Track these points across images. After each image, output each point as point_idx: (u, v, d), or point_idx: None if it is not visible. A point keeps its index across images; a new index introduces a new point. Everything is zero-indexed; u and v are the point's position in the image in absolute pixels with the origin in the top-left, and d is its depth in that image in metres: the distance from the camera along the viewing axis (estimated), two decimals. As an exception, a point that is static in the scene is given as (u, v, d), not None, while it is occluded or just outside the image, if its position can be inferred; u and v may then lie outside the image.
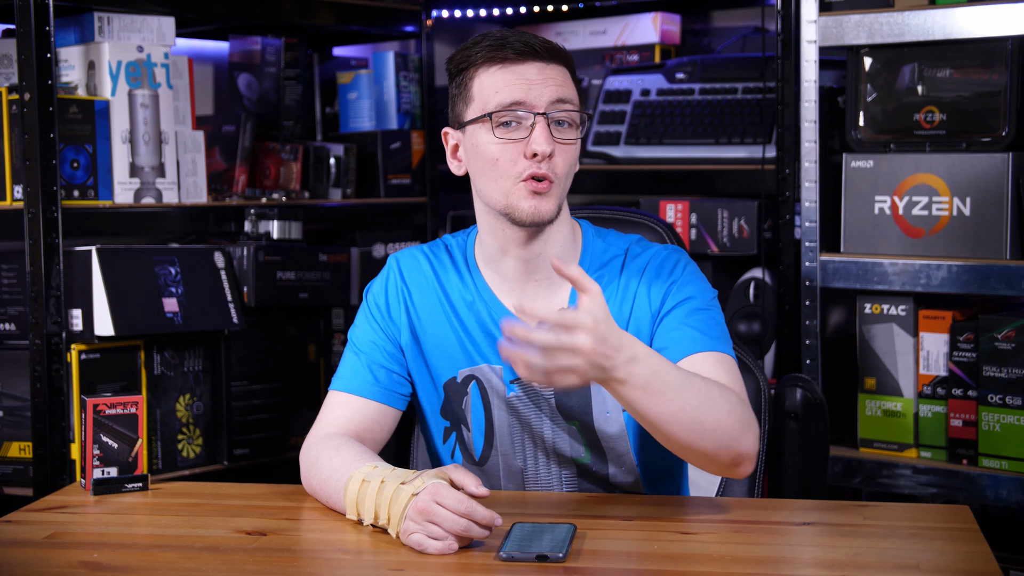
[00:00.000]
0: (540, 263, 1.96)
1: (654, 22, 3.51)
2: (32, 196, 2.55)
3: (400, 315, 2.03)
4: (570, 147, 1.91)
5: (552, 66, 1.91)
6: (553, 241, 1.96)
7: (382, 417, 1.99)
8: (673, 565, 1.64)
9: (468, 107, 1.93)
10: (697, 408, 1.73)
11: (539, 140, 1.87)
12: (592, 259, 2.00)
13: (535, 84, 1.88)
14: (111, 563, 1.67)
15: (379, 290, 2.06)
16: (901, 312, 2.80)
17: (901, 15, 2.72)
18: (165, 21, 2.87)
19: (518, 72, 1.89)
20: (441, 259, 2.05)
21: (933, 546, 1.68)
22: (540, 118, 1.87)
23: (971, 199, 2.69)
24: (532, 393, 1.98)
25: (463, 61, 1.93)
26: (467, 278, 2.02)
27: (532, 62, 1.89)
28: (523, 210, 1.89)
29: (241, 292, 2.88)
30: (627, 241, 2.03)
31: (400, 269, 2.06)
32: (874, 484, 2.83)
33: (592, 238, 2.03)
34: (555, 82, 1.89)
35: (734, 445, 1.76)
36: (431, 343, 2.02)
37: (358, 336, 2.04)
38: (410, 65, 3.51)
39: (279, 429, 3.00)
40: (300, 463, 1.95)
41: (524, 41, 1.89)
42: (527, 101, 1.88)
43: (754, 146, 3.09)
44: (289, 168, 3.27)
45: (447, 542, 1.65)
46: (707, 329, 1.91)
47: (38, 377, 2.57)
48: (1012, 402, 2.66)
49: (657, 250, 2.00)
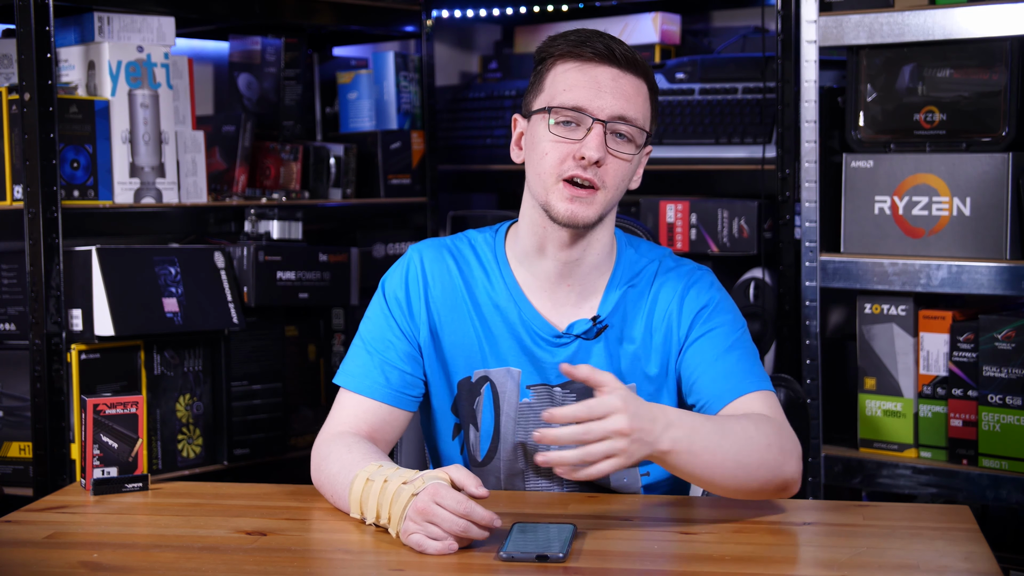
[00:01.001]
0: (576, 267, 1.95)
1: (654, 22, 3.51)
2: (32, 196, 2.55)
3: (420, 311, 1.99)
4: (624, 161, 1.89)
5: (627, 76, 1.89)
6: (592, 249, 1.95)
7: (393, 419, 1.98)
8: (673, 565, 1.64)
9: (537, 97, 1.92)
10: (739, 452, 1.77)
11: (591, 145, 1.85)
12: (625, 269, 1.99)
13: (604, 91, 1.87)
14: (111, 563, 1.67)
15: (399, 283, 2.00)
16: (901, 312, 2.80)
17: (901, 15, 2.72)
18: (165, 21, 2.87)
19: (591, 74, 1.88)
20: (465, 255, 2.01)
21: (933, 546, 1.68)
22: (597, 124, 1.86)
23: (971, 199, 2.69)
24: (549, 401, 1.97)
25: (544, 51, 1.93)
26: (495, 276, 1.99)
27: (608, 66, 1.88)
28: (558, 211, 1.88)
29: (241, 292, 2.88)
30: (659, 253, 2.02)
31: (422, 261, 2.01)
32: (874, 484, 2.83)
33: (625, 247, 2.01)
34: (624, 95, 1.88)
35: (779, 475, 1.80)
36: (450, 340, 1.99)
37: (372, 332, 1.99)
38: (410, 65, 3.51)
39: (279, 429, 3.00)
40: (311, 459, 1.95)
41: (605, 44, 1.88)
42: (590, 107, 1.87)
43: (754, 146, 3.09)
44: (289, 168, 3.27)
45: (446, 542, 1.65)
46: (747, 367, 1.91)
47: (38, 377, 2.57)
48: (1012, 402, 2.66)
49: (691, 268, 2.00)
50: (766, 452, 1.78)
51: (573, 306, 1.96)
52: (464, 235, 2.05)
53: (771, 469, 1.79)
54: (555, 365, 1.95)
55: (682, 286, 1.96)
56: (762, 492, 1.82)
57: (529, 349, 1.96)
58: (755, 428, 1.80)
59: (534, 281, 1.97)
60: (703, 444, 1.74)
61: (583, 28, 1.92)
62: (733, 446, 1.76)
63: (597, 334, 1.95)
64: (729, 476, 1.77)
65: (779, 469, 1.80)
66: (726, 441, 1.76)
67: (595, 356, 1.96)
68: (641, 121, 1.90)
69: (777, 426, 1.83)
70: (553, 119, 1.88)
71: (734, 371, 1.90)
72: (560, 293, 1.96)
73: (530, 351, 1.96)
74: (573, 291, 1.96)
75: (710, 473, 1.76)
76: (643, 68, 1.91)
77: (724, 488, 1.80)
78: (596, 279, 1.97)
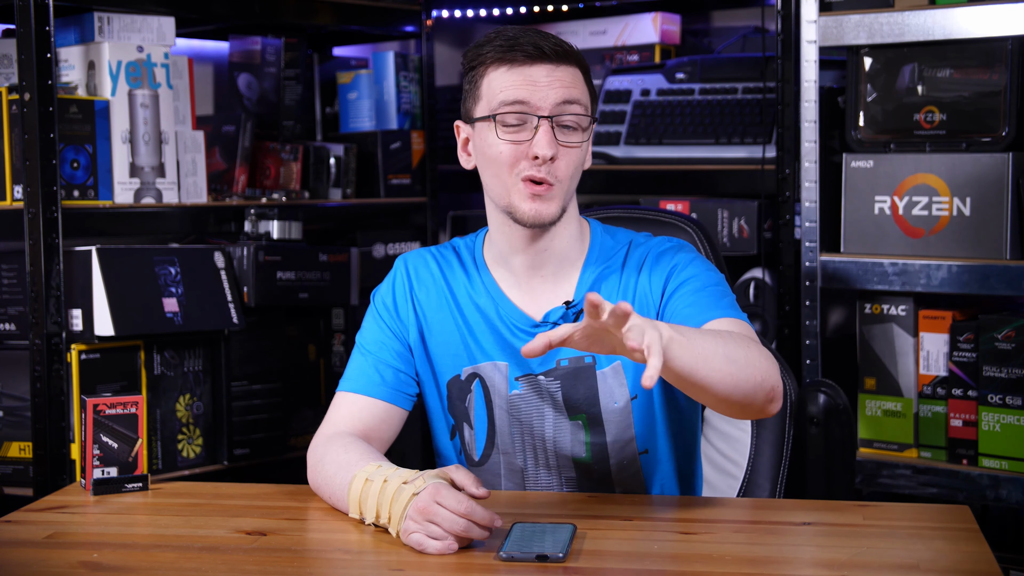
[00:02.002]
0: (546, 259, 1.98)
1: (654, 22, 3.51)
2: (32, 196, 2.55)
3: (408, 313, 2.04)
4: (575, 150, 1.92)
5: (562, 67, 1.91)
6: (559, 238, 1.98)
7: (389, 417, 2.00)
8: (673, 565, 1.64)
9: (477, 104, 1.95)
10: (727, 349, 1.73)
11: (541, 143, 1.88)
12: (599, 255, 2.01)
13: (541, 86, 1.89)
14: (111, 563, 1.67)
15: (387, 291, 2.07)
16: (901, 312, 2.80)
17: (901, 15, 2.72)
18: (165, 21, 2.87)
19: (525, 74, 1.90)
20: (448, 259, 2.07)
21: (933, 546, 1.68)
22: (544, 121, 1.88)
23: (971, 199, 2.69)
24: (537, 390, 1.98)
25: (475, 59, 1.94)
26: (475, 277, 2.03)
27: (540, 64, 1.90)
28: (523, 211, 1.91)
29: (241, 292, 2.88)
30: (635, 236, 2.04)
31: (407, 269, 2.07)
32: (874, 484, 2.83)
33: (600, 235, 2.04)
34: (562, 84, 1.90)
35: (767, 379, 1.76)
36: (436, 341, 2.03)
37: (365, 337, 2.05)
38: (410, 65, 3.51)
39: (279, 429, 3.00)
40: (307, 461, 1.96)
41: (534, 43, 1.90)
42: (531, 102, 1.89)
43: (754, 146, 3.09)
44: (289, 168, 3.27)
45: (447, 542, 1.65)
46: (717, 300, 1.91)
47: (38, 377, 2.57)
48: (1012, 402, 2.66)
49: (659, 241, 2.02)
50: (751, 353, 1.76)
51: (549, 294, 1.99)
52: (450, 243, 2.11)
53: (759, 370, 1.75)
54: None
55: (651, 255, 1.98)
56: (755, 397, 1.76)
57: (510, 342, 1.99)
58: (734, 337, 1.78)
59: (510, 277, 2.01)
60: (691, 337, 1.69)
61: (507, 29, 1.94)
62: (718, 345, 1.73)
63: (576, 318, 1.97)
64: (724, 372, 1.71)
65: (766, 373, 1.76)
66: (710, 339, 1.73)
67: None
68: (584, 104, 1.92)
69: (749, 337, 1.82)
70: (502, 123, 1.90)
71: (703, 302, 1.90)
72: (536, 283, 2.00)
73: (511, 344, 1.99)
74: (547, 280, 2.00)
75: (705, 365, 1.69)
76: (574, 56, 1.93)
77: (724, 388, 1.73)
78: (568, 266, 2.00)
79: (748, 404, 1.78)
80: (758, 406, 1.79)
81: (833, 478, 2.19)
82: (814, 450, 2.18)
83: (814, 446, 2.18)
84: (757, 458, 2.11)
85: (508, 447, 2.00)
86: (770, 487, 2.10)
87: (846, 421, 2.16)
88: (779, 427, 2.12)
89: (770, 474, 2.10)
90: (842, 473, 2.19)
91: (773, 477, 2.10)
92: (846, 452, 2.18)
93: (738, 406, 1.78)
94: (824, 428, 2.17)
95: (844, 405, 2.17)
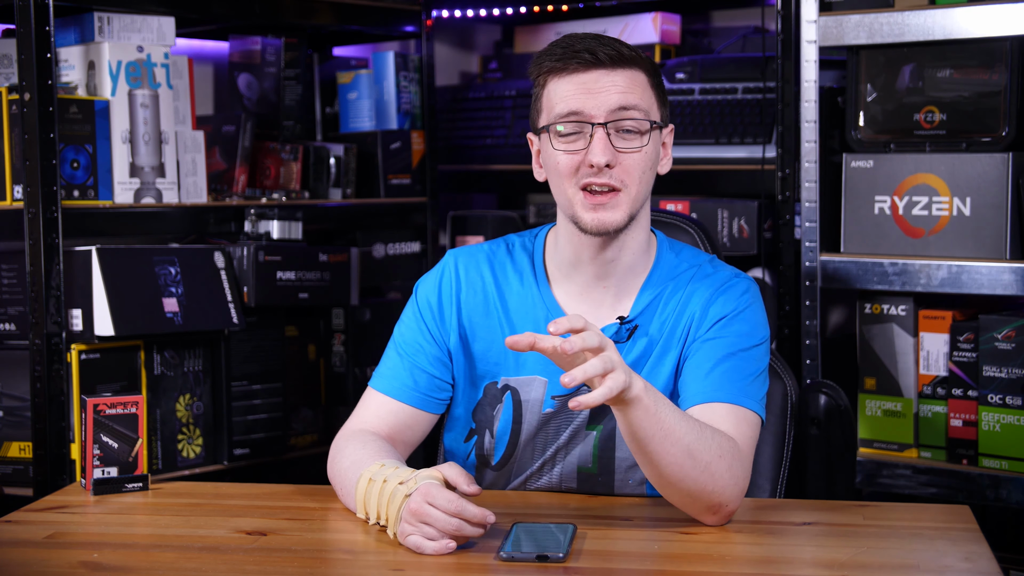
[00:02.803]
0: (612, 269, 1.95)
1: (654, 22, 3.51)
2: (32, 196, 2.55)
3: (451, 317, 2.01)
4: (636, 155, 1.88)
5: (618, 71, 1.89)
6: (627, 249, 1.95)
7: (416, 422, 1.99)
8: (673, 565, 1.64)
9: (539, 116, 1.94)
10: (692, 443, 1.73)
11: (595, 151, 1.86)
12: (663, 271, 1.98)
13: (596, 93, 1.87)
14: (111, 563, 1.67)
15: (432, 288, 2.03)
16: (901, 312, 2.80)
17: (901, 15, 2.72)
18: (165, 21, 2.87)
19: (580, 81, 1.88)
20: (502, 263, 2.03)
21: (933, 546, 1.68)
22: (599, 128, 1.87)
23: (971, 199, 2.69)
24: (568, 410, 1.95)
25: (535, 70, 1.94)
26: (531, 286, 2.00)
27: (595, 70, 1.88)
28: (585, 221, 1.89)
29: (241, 292, 2.88)
30: (701, 258, 2.01)
31: (457, 267, 2.03)
32: (874, 484, 2.83)
33: (666, 251, 2.01)
34: (618, 89, 1.88)
35: (719, 490, 1.75)
36: (480, 347, 2.00)
37: (404, 335, 2.02)
38: (410, 65, 3.51)
39: (279, 429, 3.00)
40: (329, 453, 1.96)
41: (589, 49, 1.88)
42: (584, 111, 1.87)
43: (754, 146, 3.09)
44: (289, 168, 3.27)
45: (443, 542, 1.65)
46: (734, 380, 1.87)
47: (38, 377, 2.57)
48: (1012, 402, 2.66)
49: (728, 275, 1.97)
50: (717, 460, 1.74)
51: (608, 308, 1.96)
52: (503, 240, 2.06)
53: (714, 482, 1.74)
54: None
55: (712, 291, 1.95)
56: (697, 499, 1.76)
57: None
58: (714, 435, 1.76)
59: (571, 287, 1.98)
60: (665, 413, 1.70)
61: (569, 36, 1.93)
62: (690, 434, 1.73)
63: (628, 336, 1.95)
64: (677, 461, 1.71)
65: (721, 488, 1.75)
66: (685, 425, 1.73)
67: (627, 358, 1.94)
68: (643, 109, 1.89)
69: (737, 452, 1.79)
70: (557, 133, 1.89)
71: (719, 379, 1.87)
72: (596, 294, 1.97)
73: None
74: (609, 292, 1.97)
75: (661, 443, 1.70)
76: (635, 59, 1.91)
77: (669, 475, 1.73)
78: (631, 280, 1.97)
79: (687, 503, 1.78)
80: (696, 510, 1.78)
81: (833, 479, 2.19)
82: (814, 451, 2.18)
83: (814, 447, 2.18)
84: (757, 459, 2.11)
85: (527, 459, 2.00)
86: (770, 488, 2.09)
87: (846, 422, 2.16)
88: (779, 428, 2.12)
89: (770, 475, 2.10)
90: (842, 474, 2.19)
91: (773, 478, 2.10)
92: (846, 453, 2.17)
93: (676, 497, 1.78)
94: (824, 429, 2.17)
95: (844, 406, 2.17)
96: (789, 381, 2.13)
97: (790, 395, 2.11)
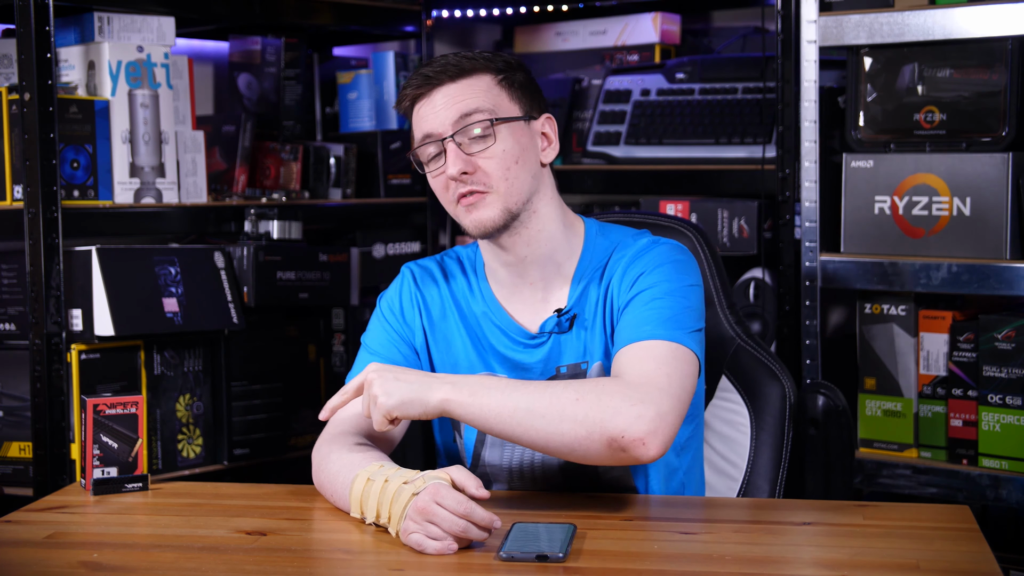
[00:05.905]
0: (527, 267, 1.98)
1: (654, 22, 3.51)
2: (32, 196, 2.55)
3: (414, 319, 2.05)
4: (489, 154, 1.91)
5: (457, 83, 1.92)
6: (537, 243, 1.96)
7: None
8: (673, 565, 1.64)
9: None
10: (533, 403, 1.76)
11: (448, 164, 1.91)
12: (592, 256, 2.00)
13: (440, 110, 1.92)
14: (111, 563, 1.67)
15: (393, 296, 2.08)
16: (901, 312, 2.81)
17: (901, 15, 2.72)
18: (165, 21, 2.87)
19: (428, 104, 1.93)
20: (452, 269, 2.08)
21: (933, 546, 1.68)
22: (448, 143, 1.91)
23: (971, 199, 2.69)
24: None
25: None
26: (475, 287, 2.04)
27: (437, 89, 1.92)
28: (467, 226, 1.94)
29: (241, 292, 2.88)
30: (626, 233, 2.02)
31: (414, 277, 2.08)
32: (874, 484, 2.83)
33: (595, 236, 2.02)
34: (455, 100, 1.91)
35: (599, 428, 1.74)
36: (441, 348, 2.04)
37: (372, 339, 2.06)
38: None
39: (279, 429, 3.00)
40: (312, 459, 1.96)
41: (425, 75, 1.92)
42: (434, 131, 1.92)
43: (754, 146, 3.09)
44: (289, 168, 3.27)
45: (446, 542, 1.65)
46: (653, 316, 1.87)
47: (38, 377, 2.57)
48: (1012, 402, 2.66)
49: (648, 242, 1.98)
50: (573, 405, 1.75)
51: (542, 302, 1.99)
52: (453, 250, 2.12)
53: (585, 423, 1.73)
54: (535, 365, 1.98)
55: (629, 256, 1.96)
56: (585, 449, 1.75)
57: (509, 355, 1.99)
58: (567, 385, 1.78)
59: (504, 290, 2.02)
60: (488, 397, 1.76)
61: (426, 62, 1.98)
62: (525, 398, 1.76)
63: (570, 325, 1.97)
64: (526, 426, 1.75)
65: (597, 420, 1.73)
66: (518, 394, 1.76)
67: (571, 347, 1.97)
68: (487, 109, 1.91)
69: (616, 384, 1.79)
70: (426, 157, 1.94)
71: (640, 320, 1.87)
72: (526, 293, 2.00)
73: (511, 357, 1.99)
74: (536, 288, 1.99)
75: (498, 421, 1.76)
76: (475, 66, 1.93)
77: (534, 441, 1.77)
78: (556, 272, 1.99)
79: (581, 456, 1.78)
80: (596, 457, 1.77)
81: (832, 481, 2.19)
82: (813, 452, 2.18)
83: (813, 448, 2.18)
84: (756, 460, 2.11)
85: (496, 458, 2.00)
86: (769, 488, 2.09)
87: (845, 423, 2.16)
88: (778, 429, 2.12)
89: (769, 476, 2.10)
90: (841, 476, 2.18)
91: (772, 479, 2.10)
92: (845, 454, 2.18)
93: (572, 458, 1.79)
94: (823, 430, 2.17)
95: (843, 407, 2.17)
96: (787, 383, 2.13)
97: (788, 396, 2.11)
